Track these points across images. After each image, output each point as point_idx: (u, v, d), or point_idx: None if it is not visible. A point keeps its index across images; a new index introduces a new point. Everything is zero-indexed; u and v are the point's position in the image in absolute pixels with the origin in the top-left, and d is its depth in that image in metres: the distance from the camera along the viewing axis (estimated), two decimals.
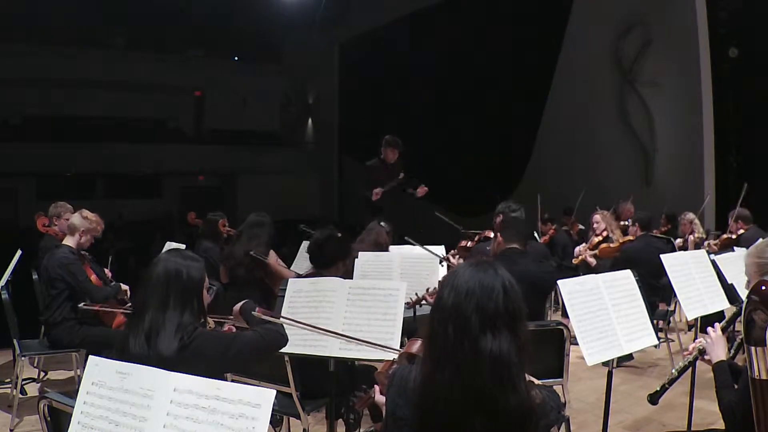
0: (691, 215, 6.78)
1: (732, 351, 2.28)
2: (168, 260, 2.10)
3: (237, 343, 2.13)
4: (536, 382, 1.74)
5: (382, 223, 4.91)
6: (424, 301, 3.67)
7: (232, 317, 2.43)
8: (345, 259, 3.42)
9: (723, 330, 2.27)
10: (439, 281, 1.66)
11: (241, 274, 4.45)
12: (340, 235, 3.46)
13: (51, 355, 4.33)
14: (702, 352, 2.28)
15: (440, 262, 4.19)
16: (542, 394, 1.55)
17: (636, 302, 2.86)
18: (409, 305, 3.66)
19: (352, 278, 3.94)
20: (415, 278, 3.95)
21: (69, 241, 4.07)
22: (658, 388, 2.32)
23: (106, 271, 4.50)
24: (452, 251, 5.03)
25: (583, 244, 6.41)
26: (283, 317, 2.41)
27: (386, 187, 6.39)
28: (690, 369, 2.47)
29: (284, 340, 2.27)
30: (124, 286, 4.10)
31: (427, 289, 3.64)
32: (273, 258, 4.49)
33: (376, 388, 1.86)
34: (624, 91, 10.46)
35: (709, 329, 2.27)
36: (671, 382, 2.32)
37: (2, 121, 15.46)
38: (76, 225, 4.08)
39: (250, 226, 4.58)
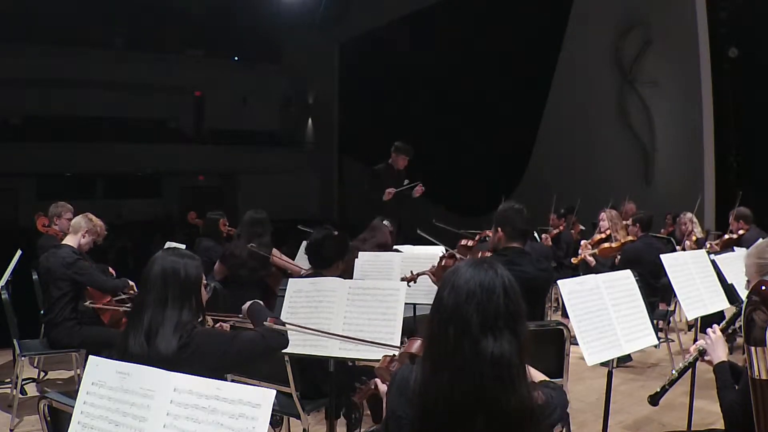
0: (689, 215, 6.78)
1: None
2: (165, 259, 2.09)
3: (237, 342, 2.12)
4: (545, 379, 1.74)
5: (385, 222, 4.87)
6: (413, 282, 3.64)
7: (229, 316, 2.43)
8: (343, 258, 3.40)
9: (723, 331, 2.27)
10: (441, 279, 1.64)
11: (244, 274, 4.44)
12: (337, 233, 3.44)
13: (51, 355, 4.33)
14: (702, 353, 2.28)
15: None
16: (546, 394, 1.55)
17: (636, 302, 2.86)
18: (406, 280, 3.62)
19: (352, 278, 3.94)
20: (417, 283, 3.93)
21: (70, 241, 4.06)
22: (659, 389, 2.32)
23: (111, 270, 4.49)
24: (453, 250, 4.99)
25: (584, 241, 6.42)
26: (289, 324, 2.39)
27: (396, 189, 6.43)
28: (690, 369, 2.47)
29: (285, 342, 2.27)
30: (131, 282, 4.09)
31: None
32: (277, 253, 4.49)
33: (377, 380, 1.86)
34: (624, 91, 10.46)
35: (709, 330, 2.27)
36: (671, 383, 2.32)
37: (2, 121, 15.47)
38: (81, 225, 4.07)
39: (251, 224, 4.57)
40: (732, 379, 2.16)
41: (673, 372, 2.33)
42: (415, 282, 3.69)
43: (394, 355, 1.88)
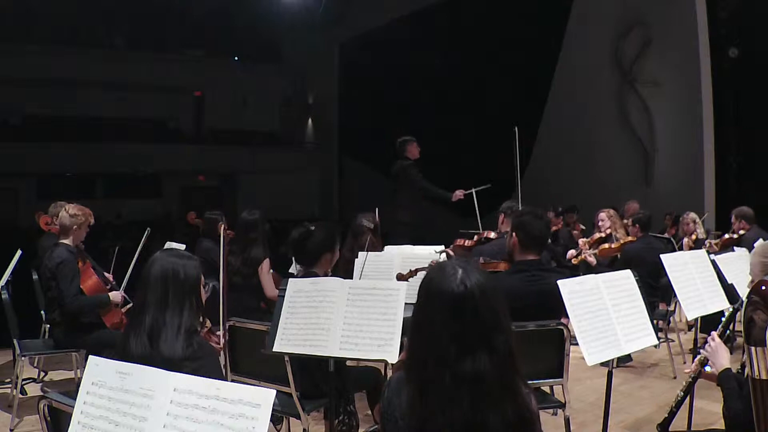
0: (693, 215, 6.76)
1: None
2: (164, 259, 2.09)
3: None
4: None
5: (363, 222, 4.80)
6: (413, 278, 3.62)
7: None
8: (332, 248, 3.31)
9: (720, 336, 2.26)
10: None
11: (238, 282, 4.46)
12: (314, 227, 3.38)
13: (51, 355, 4.33)
14: (704, 362, 2.26)
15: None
16: None
17: (636, 302, 2.85)
18: (401, 278, 3.61)
19: (351, 278, 3.94)
20: (416, 278, 3.94)
21: (65, 241, 4.06)
22: (666, 415, 2.31)
23: (107, 275, 4.47)
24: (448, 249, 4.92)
25: (583, 239, 6.40)
26: None
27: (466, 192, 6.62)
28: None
29: None
30: (116, 295, 4.04)
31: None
32: (266, 266, 4.49)
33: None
34: (624, 91, 10.46)
35: (708, 339, 2.26)
36: (678, 405, 2.30)
37: (2, 121, 15.48)
38: (66, 225, 4.06)
39: (245, 229, 4.58)
40: (737, 386, 2.15)
41: (679, 392, 2.32)
42: (414, 276, 3.66)
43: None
